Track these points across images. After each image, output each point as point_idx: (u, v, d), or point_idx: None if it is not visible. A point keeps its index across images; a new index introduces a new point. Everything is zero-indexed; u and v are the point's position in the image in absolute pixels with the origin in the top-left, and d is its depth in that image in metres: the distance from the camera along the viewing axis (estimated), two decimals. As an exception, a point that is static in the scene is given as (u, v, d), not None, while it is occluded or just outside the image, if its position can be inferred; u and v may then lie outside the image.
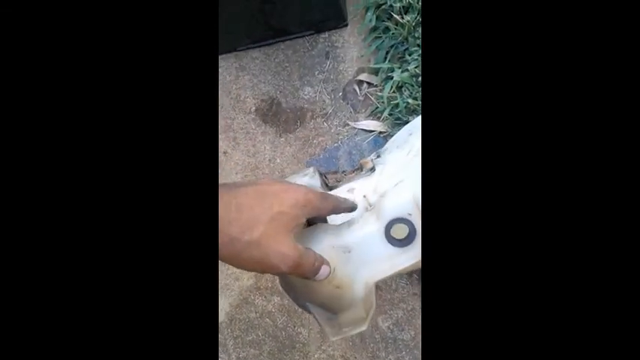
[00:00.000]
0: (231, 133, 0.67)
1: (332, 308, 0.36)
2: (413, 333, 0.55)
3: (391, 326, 0.56)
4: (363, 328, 0.37)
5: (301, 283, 0.35)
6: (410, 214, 0.35)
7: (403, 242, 0.35)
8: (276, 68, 0.66)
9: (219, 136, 0.67)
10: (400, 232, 0.35)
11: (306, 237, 0.35)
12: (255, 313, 0.62)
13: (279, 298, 0.61)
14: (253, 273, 0.63)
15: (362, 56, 0.62)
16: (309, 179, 0.48)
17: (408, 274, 0.57)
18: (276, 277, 0.62)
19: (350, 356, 0.57)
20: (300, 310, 0.61)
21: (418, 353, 0.54)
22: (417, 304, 0.55)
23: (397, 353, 0.55)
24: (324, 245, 0.35)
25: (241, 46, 0.66)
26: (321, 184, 0.49)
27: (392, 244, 0.35)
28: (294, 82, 0.65)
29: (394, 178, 0.40)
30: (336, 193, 0.44)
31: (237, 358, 0.61)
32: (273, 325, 0.61)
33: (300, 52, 0.66)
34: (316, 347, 0.59)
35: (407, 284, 0.56)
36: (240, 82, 0.68)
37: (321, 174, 0.50)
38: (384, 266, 0.36)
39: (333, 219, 0.40)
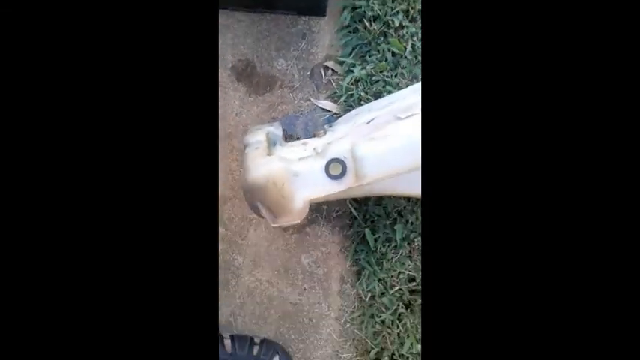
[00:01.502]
0: (205, 82, 0.75)
1: (275, 212, 0.52)
2: (326, 269, 0.72)
3: (310, 263, 0.72)
4: (297, 221, 0.53)
5: (258, 188, 0.50)
6: (345, 158, 0.52)
7: (336, 177, 0.52)
8: (257, 35, 0.75)
9: (194, 82, 0.75)
10: (336, 169, 0.51)
11: (266, 160, 0.50)
12: (201, 238, 0.73)
13: (223, 230, 0.73)
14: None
15: (332, 46, 0.75)
16: (274, 129, 0.63)
17: (330, 236, 0.73)
18: (224, 211, 0.74)
19: (274, 282, 0.72)
20: (239, 240, 0.74)
21: (327, 285, 0.71)
22: (333, 249, 0.72)
23: (311, 283, 0.72)
24: (280, 166, 0.51)
25: (232, 6, 0.73)
26: (282, 136, 0.64)
27: (328, 176, 0.52)
28: (270, 51, 0.75)
29: (339, 135, 0.56)
30: (292, 145, 0.59)
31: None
32: (214, 250, 0.73)
33: (281, 27, 0.75)
34: (247, 272, 0.72)
35: (329, 234, 0.72)
36: (223, 38, 0.75)
37: (283, 128, 0.65)
38: (319, 190, 0.52)
39: (290, 157, 0.55)
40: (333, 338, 0.70)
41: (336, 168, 0.54)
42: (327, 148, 0.56)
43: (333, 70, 0.74)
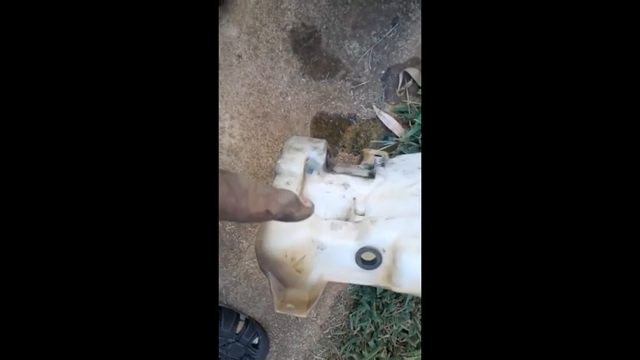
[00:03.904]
0: (254, 39, 0.59)
1: (284, 282, 0.46)
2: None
3: (313, 273, 0.69)
4: (303, 315, 0.48)
5: (273, 260, 0.43)
6: (384, 251, 0.43)
7: (366, 265, 0.44)
8: (336, -3, 0.55)
9: (241, 33, 0.59)
10: (368, 256, 0.43)
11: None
12: (211, 213, 0.69)
13: (235, 212, 0.69)
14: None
15: (426, 46, 0.56)
16: (317, 155, 0.50)
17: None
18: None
19: (272, 276, 0.71)
20: (249, 226, 0.70)
21: (322, 296, 0.70)
22: (339, 269, 0.68)
23: (307, 290, 0.70)
24: (305, 235, 0.42)
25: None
26: (324, 164, 0.51)
27: (357, 262, 0.44)
28: (346, 27, 0.56)
29: (388, 206, 0.45)
30: (330, 182, 0.48)
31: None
32: (222, 227, 0.70)
33: (371, -5, 0.55)
34: (249, 257, 0.71)
35: (341, 254, 0.68)
36: (290, -13, 0.56)
37: (328, 152, 0.51)
38: (342, 273, 0.44)
39: (323, 213, 0.45)
40: (311, 340, 0.73)
41: (369, 257, 0.45)
42: (367, 228, 0.46)
43: (414, 82, 0.57)
